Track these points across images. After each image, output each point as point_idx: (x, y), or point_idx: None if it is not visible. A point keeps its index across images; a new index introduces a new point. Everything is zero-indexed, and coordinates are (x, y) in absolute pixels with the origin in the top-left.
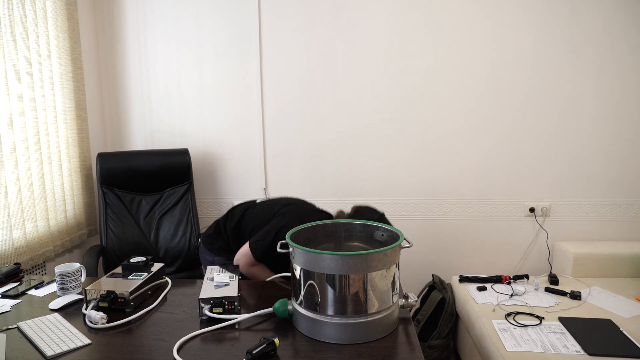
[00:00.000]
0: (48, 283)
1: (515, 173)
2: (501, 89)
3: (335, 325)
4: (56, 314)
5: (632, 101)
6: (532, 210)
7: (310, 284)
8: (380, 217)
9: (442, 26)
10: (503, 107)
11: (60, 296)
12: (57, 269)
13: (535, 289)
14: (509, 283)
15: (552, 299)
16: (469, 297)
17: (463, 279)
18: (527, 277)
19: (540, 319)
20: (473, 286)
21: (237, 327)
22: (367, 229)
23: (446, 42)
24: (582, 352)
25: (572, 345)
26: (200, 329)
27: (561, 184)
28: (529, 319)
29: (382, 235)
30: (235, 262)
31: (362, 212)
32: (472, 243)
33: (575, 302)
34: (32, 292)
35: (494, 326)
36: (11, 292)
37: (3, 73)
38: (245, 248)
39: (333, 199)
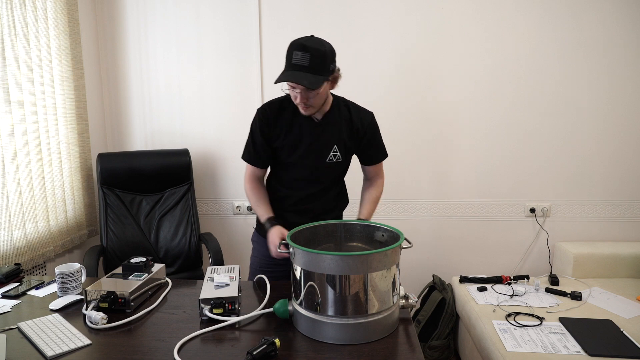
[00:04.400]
0: (48, 283)
1: (516, 173)
2: (501, 90)
3: (336, 326)
4: (56, 315)
5: (633, 102)
6: (532, 210)
7: (311, 285)
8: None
9: (443, 25)
10: (503, 108)
11: (61, 296)
12: (58, 270)
13: (535, 289)
14: (509, 283)
15: (552, 299)
16: (469, 297)
17: (463, 280)
18: (527, 277)
19: (541, 319)
20: (473, 286)
21: (237, 327)
22: (368, 229)
23: (446, 42)
24: (582, 352)
25: (572, 346)
26: (201, 329)
27: (562, 184)
28: (530, 320)
29: (383, 235)
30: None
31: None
32: (472, 243)
33: (575, 303)
34: (33, 292)
35: (495, 327)
36: (11, 293)
37: (3, 73)
38: None
39: None
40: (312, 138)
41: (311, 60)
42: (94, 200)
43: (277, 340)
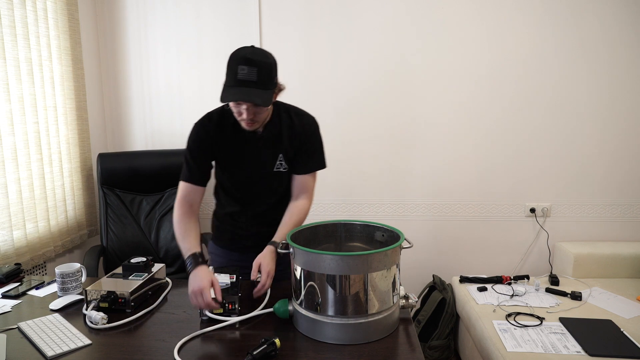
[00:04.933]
0: (49, 283)
1: (516, 173)
2: (501, 89)
3: (336, 326)
4: (57, 314)
5: (633, 102)
6: (532, 210)
7: (311, 285)
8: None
9: (441, 25)
10: (504, 108)
11: (61, 296)
12: (58, 270)
13: (535, 289)
14: (509, 283)
15: (552, 299)
16: (469, 297)
17: (463, 280)
18: (527, 277)
19: (541, 319)
20: (473, 287)
21: (237, 327)
22: (368, 230)
23: (447, 42)
24: (582, 352)
25: (572, 346)
26: (201, 329)
27: (562, 184)
28: (530, 320)
29: (383, 235)
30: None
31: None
32: (472, 243)
33: (575, 303)
34: (33, 292)
35: (495, 327)
36: (12, 293)
37: (4, 73)
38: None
39: (332, 199)
40: (257, 152)
41: (259, 74)
42: (94, 200)
43: (277, 340)
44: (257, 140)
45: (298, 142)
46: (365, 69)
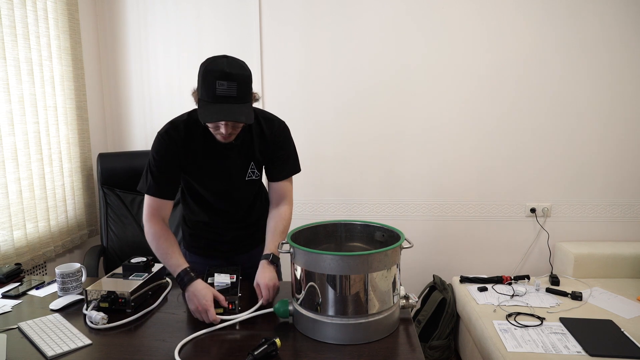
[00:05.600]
0: (49, 283)
1: (517, 173)
2: (502, 89)
3: (336, 326)
4: (57, 314)
5: (633, 102)
6: (533, 210)
7: (311, 285)
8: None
9: (441, 25)
10: (504, 108)
11: (61, 296)
12: (58, 270)
13: (536, 289)
14: (509, 283)
15: (553, 299)
16: (469, 297)
17: (464, 280)
18: (528, 277)
19: (541, 319)
20: (474, 287)
21: (237, 327)
22: (368, 229)
23: (447, 42)
24: (583, 352)
25: (573, 346)
26: (201, 329)
27: (562, 184)
28: (530, 320)
29: (383, 235)
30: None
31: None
32: (473, 243)
33: (576, 303)
34: (33, 292)
35: (495, 327)
36: (12, 293)
37: (4, 73)
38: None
39: (333, 199)
40: (229, 162)
41: (239, 89)
42: (94, 200)
43: (277, 340)
44: (229, 150)
45: (270, 149)
46: (366, 69)
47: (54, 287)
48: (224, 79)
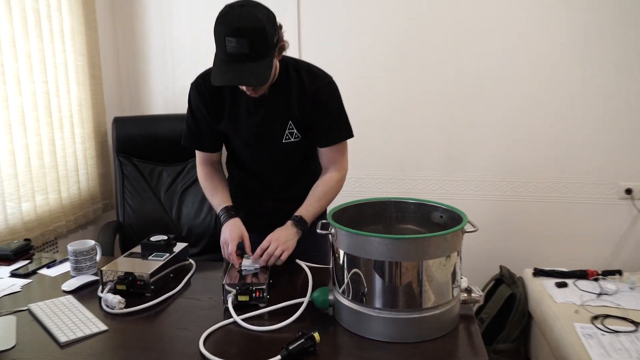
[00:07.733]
0: (60, 262)
1: (607, 146)
2: (591, 48)
3: (384, 320)
4: (69, 296)
5: None
6: (629, 191)
7: (355, 272)
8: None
9: (517, 7)
10: (594, 67)
11: (74, 277)
12: (70, 247)
13: (630, 287)
14: (596, 279)
15: None
16: (545, 294)
17: (538, 273)
18: (620, 273)
19: (637, 324)
20: (551, 281)
21: (266, 318)
22: (423, 209)
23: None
24: None
25: None
26: (226, 318)
27: None
28: (622, 324)
29: (441, 216)
30: None
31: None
32: (550, 230)
33: None
34: (44, 271)
35: (577, 331)
36: (21, 271)
37: (9, 26)
38: None
39: (381, 174)
40: (260, 118)
41: (251, 45)
42: (109, 170)
43: (316, 335)
44: (261, 104)
45: (311, 107)
46: (425, 11)
47: (66, 266)
48: (232, 35)
